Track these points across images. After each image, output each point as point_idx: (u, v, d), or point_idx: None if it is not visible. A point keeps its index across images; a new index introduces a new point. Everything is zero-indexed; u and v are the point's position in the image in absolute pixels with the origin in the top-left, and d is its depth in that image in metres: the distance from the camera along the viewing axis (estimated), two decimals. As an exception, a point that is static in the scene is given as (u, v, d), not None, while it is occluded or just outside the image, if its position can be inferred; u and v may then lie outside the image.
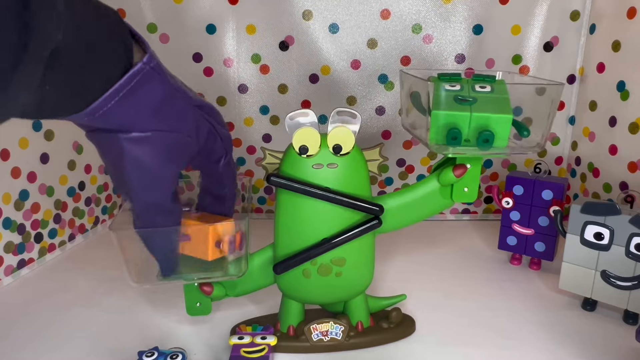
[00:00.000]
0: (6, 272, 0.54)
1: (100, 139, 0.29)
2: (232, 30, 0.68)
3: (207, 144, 0.34)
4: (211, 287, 0.41)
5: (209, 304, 0.43)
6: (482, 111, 0.37)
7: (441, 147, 0.37)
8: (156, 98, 0.29)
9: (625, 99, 0.58)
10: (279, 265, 0.39)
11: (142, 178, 0.30)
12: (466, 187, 0.41)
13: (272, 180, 0.38)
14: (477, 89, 0.39)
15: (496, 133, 0.37)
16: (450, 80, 0.40)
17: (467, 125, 0.37)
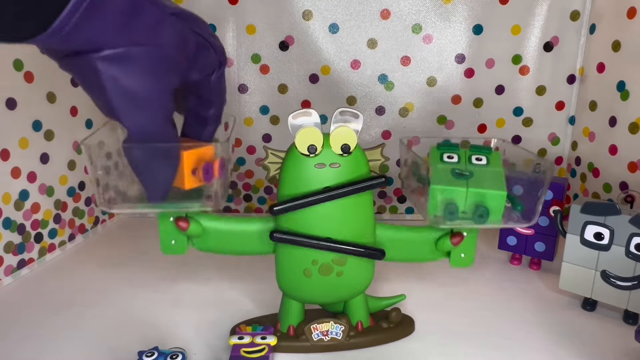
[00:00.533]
0: (6, 272, 0.54)
1: (73, 65, 0.27)
2: (232, 30, 0.68)
3: (199, 58, 0.32)
4: (187, 223, 0.39)
5: (184, 242, 0.41)
6: (478, 187, 0.39)
7: (439, 220, 0.39)
8: (120, 8, 0.26)
9: (625, 99, 0.58)
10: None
11: (125, 100, 0.28)
12: (463, 253, 0.43)
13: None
14: (474, 161, 0.41)
15: (491, 208, 0.39)
16: (448, 150, 0.42)
17: (464, 199, 0.39)
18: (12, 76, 0.54)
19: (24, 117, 0.55)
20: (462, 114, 0.70)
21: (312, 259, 0.39)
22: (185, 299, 0.51)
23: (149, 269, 0.58)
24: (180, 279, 0.55)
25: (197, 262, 0.59)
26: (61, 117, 0.61)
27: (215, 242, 0.42)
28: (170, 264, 0.59)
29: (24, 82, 0.55)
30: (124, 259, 0.61)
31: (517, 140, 0.71)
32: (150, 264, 0.59)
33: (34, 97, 0.57)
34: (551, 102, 0.69)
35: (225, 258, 0.59)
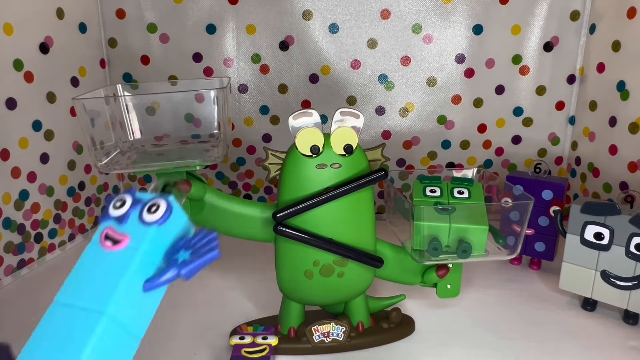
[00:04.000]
0: (6, 272, 0.54)
1: None
2: (232, 30, 0.68)
3: None
4: (188, 184, 0.38)
5: (186, 207, 0.40)
6: (460, 222, 0.40)
7: (422, 256, 0.41)
8: None
9: (625, 99, 0.58)
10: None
11: None
12: (449, 284, 0.44)
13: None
14: (456, 194, 0.43)
15: (473, 243, 0.40)
16: (431, 183, 0.43)
17: (447, 234, 0.41)
18: (12, 76, 0.53)
19: (24, 117, 0.55)
20: (462, 114, 0.70)
21: (313, 260, 0.39)
22: (186, 299, 0.51)
23: (149, 269, 0.58)
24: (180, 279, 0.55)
25: (197, 262, 0.59)
26: (61, 117, 0.61)
27: (212, 217, 0.41)
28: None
29: (24, 82, 0.55)
30: (124, 259, 0.61)
31: (517, 140, 0.71)
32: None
33: (34, 97, 0.57)
34: (551, 102, 0.69)
35: (225, 259, 0.59)
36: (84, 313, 0.22)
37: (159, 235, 0.24)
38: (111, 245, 0.24)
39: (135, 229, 0.24)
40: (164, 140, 0.46)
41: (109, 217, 0.25)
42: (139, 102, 0.44)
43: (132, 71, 0.71)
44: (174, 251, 0.24)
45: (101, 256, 0.24)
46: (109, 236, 0.24)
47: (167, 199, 0.24)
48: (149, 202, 0.24)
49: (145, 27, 0.68)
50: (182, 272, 0.23)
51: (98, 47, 0.69)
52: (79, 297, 0.23)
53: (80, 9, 0.64)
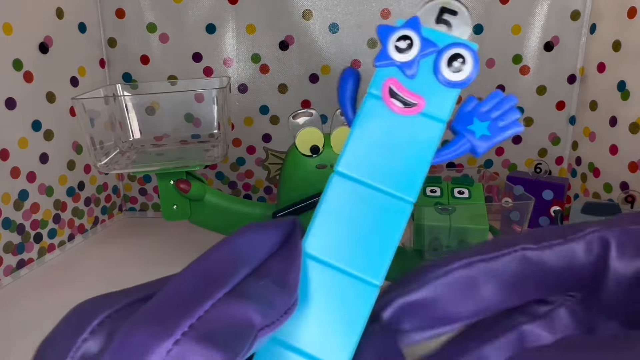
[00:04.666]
0: (5, 272, 0.54)
1: None
2: (232, 30, 0.68)
3: None
4: (188, 184, 0.38)
5: (186, 206, 0.40)
6: (460, 222, 0.40)
7: (422, 256, 0.41)
8: None
9: (625, 99, 0.58)
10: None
11: None
12: None
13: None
14: (456, 194, 0.43)
15: (474, 243, 0.40)
16: (431, 183, 0.43)
17: (447, 234, 0.41)
18: (11, 76, 0.53)
19: (23, 117, 0.55)
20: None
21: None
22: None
23: (149, 270, 0.58)
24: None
25: (197, 263, 0.59)
26: (61, 117, 0.61)
27: (212, 217, 0.41)
28: (170, 264, 0.59)
29: (23, 82, 0.55)
30: (124, 259, 0.61)
31: (517, 140, 0.71)
32: (150, 264, 0.59)
33: (33, 97, 0.57)
34: (551, 102, 0.69)
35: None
36: (386, 195, 0.17)
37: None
38: (401, 107, 0.17)
39: (430, 89, 0.17)
40: (164, 140, 0.46)
41: (390, 60, 0.18)
42: (139, 102, 0.44)
43: (131, 71, 0.70)
44: (467, 119, 0.17)
45: (388, 120, 0.17)
46: (397, 95, 0.17)
47: (472, 50, 0.18)
48: (448, 49, 0.18)
49: (145, 27, 0.68)
50: (478, 149, 0.17)
51: (97, 47, 0.69)
52: (372, 173, 0.17)
53: (79, 9, 0.64)
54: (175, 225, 0.58)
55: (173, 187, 0.39)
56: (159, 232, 0.69)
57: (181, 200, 0.39)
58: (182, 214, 0.40)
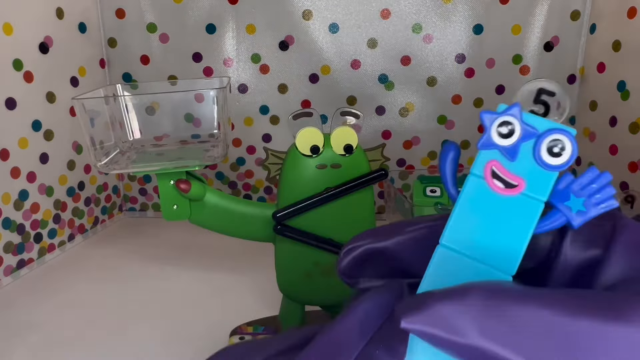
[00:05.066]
0: (5, 272, 0.54)
1: None
2: (232, 30, 0.68)
3: None
4: (188, 184, 0.38)
5: (186, 206, 0.39)
6: None
7: None
8: None
9: (625, 99, 0.58)
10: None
11: None
12: None
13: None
14: None
15: None
16: (431, 183, 0.43)
17: None
18: (11, 76, 0.53)
19: (23, 117, 0.55)
20: (463, 114, 0.70)
21: (313, 260, 0.39)
22: (186, 299, 0.51)
23: (149, 270, 0.58)
24: (181, 280, 0.55)
25: (198, 263, 0.59)
26: (61, 117, 0.61)
27: (212, 218, 0.41)
28: (170, 264, 0.59)
29: (23, 82, 0.55)
30: (124, 259, 0.61)
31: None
32: (150, 264, 0.59)
33: (33, 97, 0.57)
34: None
35: (225, 259, 0.59)
36: (486, 269, 0.18)
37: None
38: (503, 188, 0.19)
39: (530, 171, 0.18)
40: (164, 140, 0.46)
41: (492, 144, 0.19)
42: (139, 102, 0.44)
43: (131, 71, 0.70)
44: (563, 195, 0.18)
45: (489, 198, 0.19)
46: (498, 175, 0.19)
47: (571, 136, 0.18)
48: (548, 135, 0.18)
49: (145, 27, 0.68)
50: (574, 222, 0.18)
51: (98, 47, 0.69)
52: (473, 248, 0.19)
53: (79, 9, 0.64)
54: (175, 225, 0.58)
55: (173, 187, 0.39)
56: (159, 232, 0.69)
57: (181, 200, 0.39)
58: (182, 214, 0.40)
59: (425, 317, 0.16)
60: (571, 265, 0.19)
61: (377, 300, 0.19)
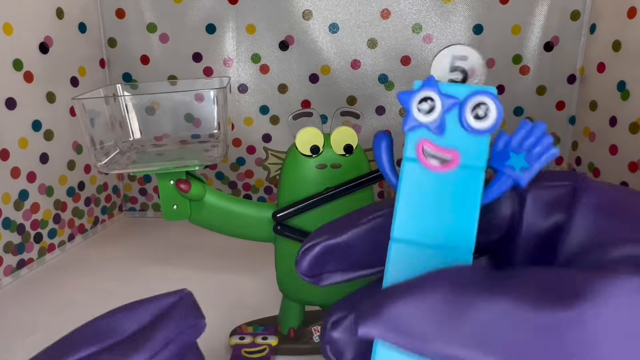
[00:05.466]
0: (5, 272, 0.54)
1: None
2: (232, 30, 0.68)
3: None
4: (188, 184, 0.38)
5: (186, 206, 0.39)
6: None
7: None
8: None
9: (625, 99, 0.58)
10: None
11: None
12: None
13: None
14: None
15: None
16: None
17: None
18: (11, 76, 0.53)
19: (23, 117, 0.55)
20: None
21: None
22: (186, 299, 0.51)
23: (149, 270, 0.58)
24: (181, 280, 0.55)
25: (197, 263, 0.59)
26: (61, 117, 0.61)
27: (212, 218, 0.41)
28: (170, 264, 0.59)
29: (23, 82, 0.55)
30: (124, 259, 0.61)
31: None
32: (150, 265, 0.59)
33: (33, 97, 0.57)
34: (551, 102, 0.69)
35: (225, 259, 0.59)
36: (444, 251, 0.18)
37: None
38: (439, 165, 0.18)
39: (461, 141, 0.18)
40: (164, 140, 0.46)
41: (417, 124, 0.18)
42: (139, 102, 0.44)
43: (131, 71, 0.70)
44: (503, 155, 0.18)
45: (429, 179, 0.18)
46: (431, 153, 0.18)
47: (492, 95, 0.18)
48: (469, 100, 0.18)
49: (145, 27, 0.68)
50: (521, 181, 0.17)
51: (98, 47, 0.69)
52: (425, 233, 0.18)
53: (79, 9, 0.64)
54: (175, 225, 0.58)
55: (173, 187, 0.39)
56: (159, 232, 0.69)
57: (181, 200, 0.39)
58: (182, 214, 0.40)
59: (382, 323, 0.14)
60: (535, 234, 0.19)
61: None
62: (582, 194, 0.18)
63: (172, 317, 0.20)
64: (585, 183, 0.18)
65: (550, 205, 0.18)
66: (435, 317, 0.14)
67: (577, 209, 0.18)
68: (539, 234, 0.18)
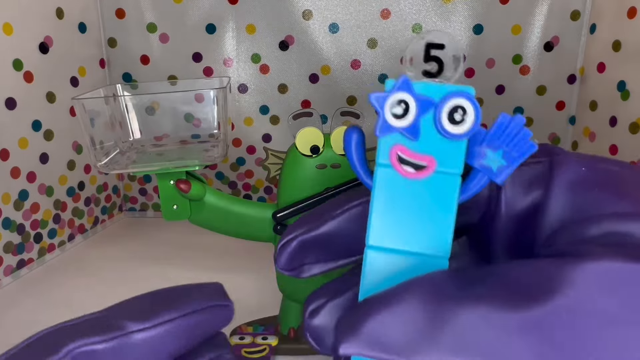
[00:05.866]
0: (5, 272, 0.54)
1: None
2: (232, 30, 0.68)
3: None
4: (188, 184, 0.38)
5: (186, 206, 0.39)
6: None
7: None
8: None
9: (625, 99, 0.58)
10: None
11: None
12: None
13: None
14: None
15: None
16: None
17: None
18: (11, 76, 0.53)
19: (23, 117, 0.55)
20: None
21: None
22: (186, 299, 0.51)
23: (149, 270, 0.58)
24: (181, 280, 0.55)
25: (197, 263, 0.59)
26: (61, 117, 0.61)
27: (212, 218, 0.40)
28: (170, 264, 0.59)
29: (23, 82, 0.55)
30: (124, 260, 0.61)
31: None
32: (150, 265, 0.59)
33: (33, 97, 0.57)
34: (551, 102, 0.69)
35: (225, 259, 0.59)
36: (420, 258, 0.17)
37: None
38: (413, 172, 0.17)
39: (437, 146, 0.17)
40: (164, 140, 0.46)
41: (390, 128, 0.17)
42: (139, 102, 0.44)
43: (131, 71, 0.70)
44: (480, 153, 0.17)
45: (404, 186, 0.17)
46: (406, 160, 0.17)
47: (470, 96, 0.16)
48: (445, 103, 0.16)
49: (145, 27, 0.68)
50: (497, 179, 0.17)
51: (98, 47, 0.69)
52: (401, 240, 0.17)
53: (79, 9, 0.64)
54: (175, 225, 0.58)
55: (173, 187, 0.39)
56: (159, 232, 0.69)
57: (181, 200, 0.39)
58: (182, 214, 0.40)
59: (362, 339, 0.14)
60: (514, 213, 0.18)
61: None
62: (558, 170, 0.18)
63: (203, 292, 0.22)
64: (562, 157, 0.18)
65: (528, 183, 0.18)
66: (415, 328, 0.14)
67: (553, 186, 0.17)
68: (518, 213, 0.18)
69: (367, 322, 0.14)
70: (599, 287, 0.13)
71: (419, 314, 0.14)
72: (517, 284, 0.14)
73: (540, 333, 0.13)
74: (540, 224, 0.17)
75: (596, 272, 0.13)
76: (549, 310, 0.13)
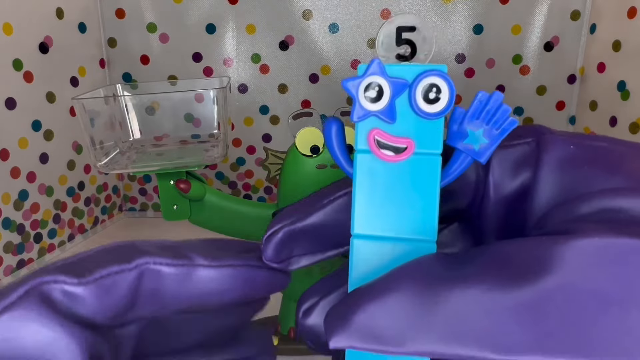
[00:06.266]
0: (5, 272, 0.54)
1: None
2: (232, 30, 0.68)
3: None
4: (188, 184, 0.38)
5: (186, 206, 0.39)
6: None
7: None
8: None
9: (625, 99, 0.58)
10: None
11: None
12: None
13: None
14: None
15: None
16: None
17: None
18: (11, 76, 0.53)
19: (23, 117, 0.55)
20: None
21: None
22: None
23: (149, 269, 0.58)
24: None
25: (197, 263, 0.59)
26: (61, 117, 0.61)
27: (212, 217, 0.40)
28: (170, 264, 0.59)
29: (23, 82, 0.55)
30: (124, 259, 0.60)
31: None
32: (150, 264, 0.59)
33: (33, 97, 0.57)
34: (551, 102, 0.69)
35: (225, 258, 0.59)
36: (406, 243, 0.17)
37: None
38: (393, 155, 0.17)
39: (415, 127, 0.17)
40: (164, 140, 0.46)
41: (366, 113, 0.17)
42: (139, 102, 0.44)
43: (131, 71, 0.70)
44: (460, 133, 0.17)
45: (384, 170, 0.17)
46: (384, 144, 0.17)
47: (443, 74, 0.16)
48: (419, 82, 0.16)
49: (145, 26, 0.68)
50: (481, 158, 0.16)
51: (98, 47, 0.69)
52: (386, 227, 0.17)
53: (79, 9, 0.64)
54: (175, 225, 0.58)
55: (173, 187, 0.39)
56: (159, 232, 0.69)
57: (181, 200, 0.39)
58: (182, 214, 0.40)
59: (353, 332, 0.14)
60: (503, 196, 0.18)
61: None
62: (545, 150, 0.17)
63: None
64: (549, 137, 0.17)
65: (516, 165, 0.18)
66: (407, 317, 0.13)
67: (541, 166, 0.17)
68: (507, 195, 0.18)
69: (356, 313, 0.14)
70: (590, 264, 0.13)
71: (410, 301, 0.14)
72: (508, 263, 0.14)
73: (535, 314, 0.13)
74: (531, 206, 0.17)
75: (587, 249, 0.13)
76: (541, 289, 0.13)
